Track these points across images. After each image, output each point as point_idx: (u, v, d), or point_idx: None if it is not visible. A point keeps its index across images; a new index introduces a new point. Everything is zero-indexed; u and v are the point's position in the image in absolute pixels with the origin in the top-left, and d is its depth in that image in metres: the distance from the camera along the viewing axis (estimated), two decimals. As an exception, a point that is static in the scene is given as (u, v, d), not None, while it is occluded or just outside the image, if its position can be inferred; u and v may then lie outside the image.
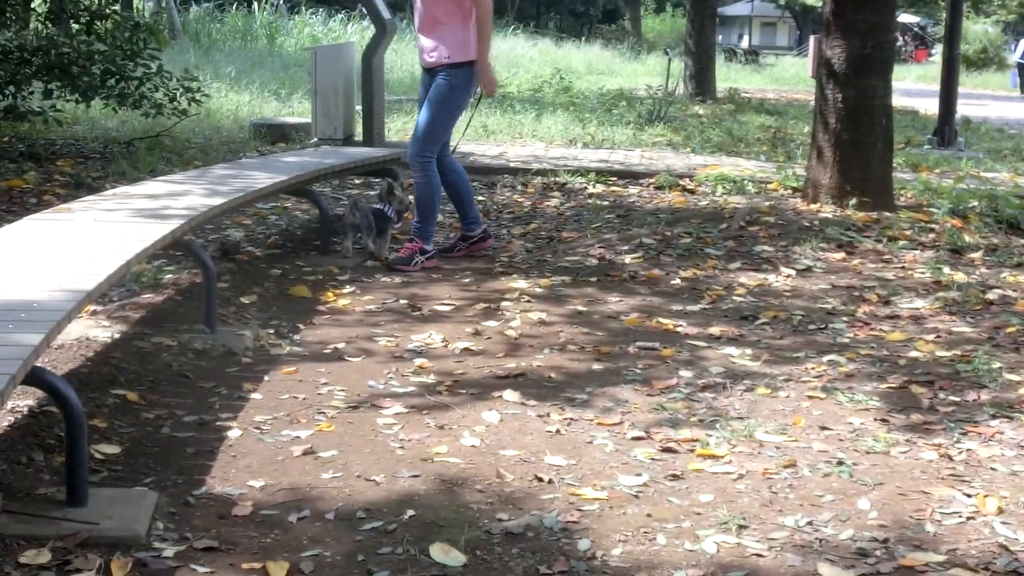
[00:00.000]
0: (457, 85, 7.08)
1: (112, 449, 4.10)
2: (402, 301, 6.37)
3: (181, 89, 10.75)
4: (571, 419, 4.53)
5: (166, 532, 3.47)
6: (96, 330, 5.47)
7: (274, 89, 16.12)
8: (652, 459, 4.14)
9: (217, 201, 6.02)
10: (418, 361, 5.28)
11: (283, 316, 5.98)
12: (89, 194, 6.62)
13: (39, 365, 3.46)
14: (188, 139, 11.55)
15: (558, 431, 4.40)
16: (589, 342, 5.61)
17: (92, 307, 5.71)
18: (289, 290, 6.51)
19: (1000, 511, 3.73)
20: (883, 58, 8.72)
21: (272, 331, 5.68)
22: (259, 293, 6.39)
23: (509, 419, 4.54)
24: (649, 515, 3.66)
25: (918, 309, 6.25)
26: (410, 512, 3.66)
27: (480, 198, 9.33)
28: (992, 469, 4.09)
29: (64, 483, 3.59)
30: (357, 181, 9.90)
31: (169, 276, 6.59)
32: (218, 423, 4.43)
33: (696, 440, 4.31)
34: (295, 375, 5.04)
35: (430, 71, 7.13)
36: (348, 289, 6.60)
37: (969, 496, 3.84)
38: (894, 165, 9.20)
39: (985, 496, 3.82)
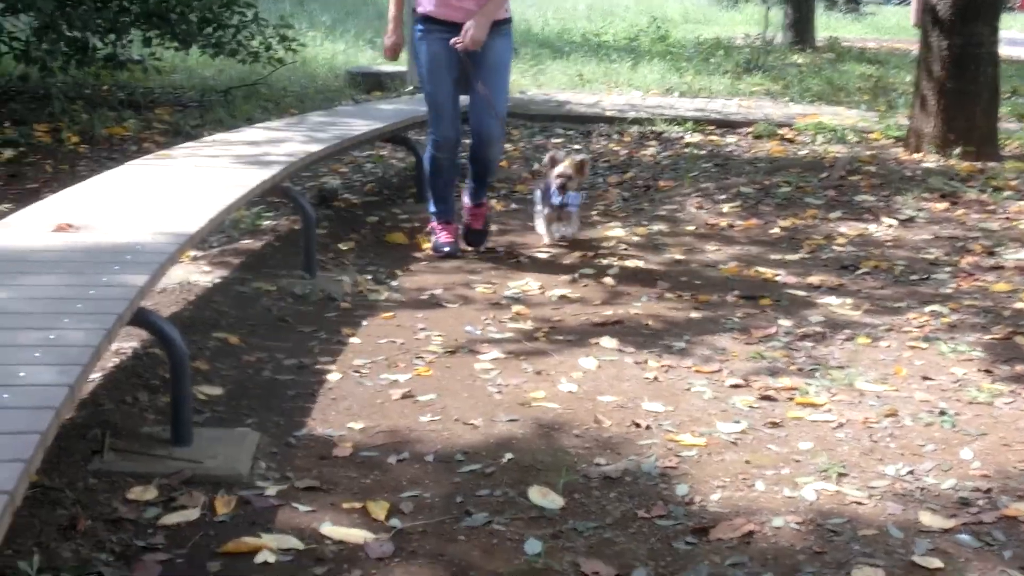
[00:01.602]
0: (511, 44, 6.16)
1: (215, 391, 4.16)
2: (499, 249, 6.37)
3: (277, 37, 10.82)
4: (669, 366, 4.52)
5: (268, 472, 3.52)
6: (197, 275, 5.54)
7: (369, 38, 16.16)
8: (751, 407, 4.11)
9: (315, 148, 6.06)
10: (515, 308, 5.29)
11: (380, 262, 6.02)
12: (188, 141, 6.69)
13: (145, 306, 3.51)
14: (284, 87, 11.63)
15: (656, 378, 4.39)
16: (687, 290, 5.59)
17: (193, 252, 5.79)
18: (386, 237, 6.54)
19: (1106, 464, 3.66)
20: (990, 4, 8.54)
21: (370, 277, 5.72)
22: (356, 240, 6.43)
23: (606, 365, 4.54)
24: (748, 462, 3.64)
25: (1023, 260, 6.13)
26: (508, 455, 3.67)
27: (576, 146, 9.30)
28: (1100, 420, 4.02)
29: (168, 423, 3.65)
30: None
31: (268, 222, 6.66)
32: (317, 366, 4.47)
33: (795, 388, 4.28)
34: (393, 320, 5.08)
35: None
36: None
37: (1076, 447, 3.78)
38: (999, 115, 9.01)
39: (1093, 447, 3.76)
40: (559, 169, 6.36)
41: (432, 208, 6.31)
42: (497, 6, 5.84)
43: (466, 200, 6.36)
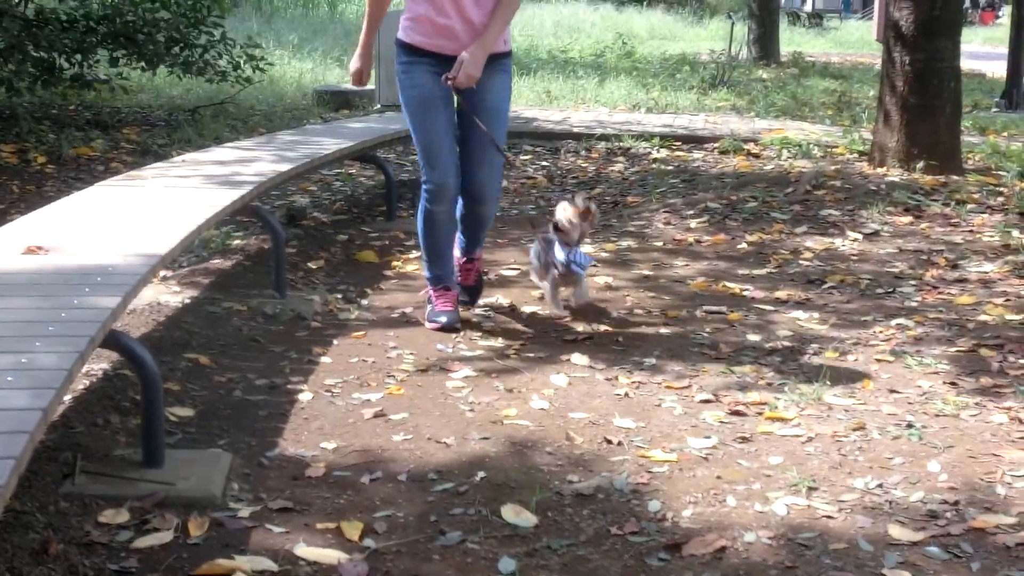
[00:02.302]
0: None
1: (186, 412, 4.16)
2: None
3: (244, 56, 10.83)
4: (639, 382, 4.55)
5: (241, 493, 3.52)
6: (167, 295, 5.54)
7: (336, 56, 16.17)
8: (721, 422, 4.14)
9: (285, 167, 6.07)
10: (486, 325, 5.31)
11: (350, 281, 6.03)
12: (155, 161, 6.69)
13: (116, 328, 3.52)
14: (252, 106, 11.63)
15: (626, 394, 4.42)
16: (656, 306, 5.62)
17: (162, 272, 5.78)
18: (356, 255, 6.55)
19: (1073, 475, 3.71)
20: (952, 19, 8.61)
21: (340, 296, 5.73)
22: (326, 258, 6.44)
23: (577, 382, 4.56)
24: (719, 477, 3.67)
25: (987, 273, 6.20)
26: (481, 474, 3.69)
27: (544, 163, 9.34)
28: (1064, 432, 4.07)
29: (140, 445, 3.65)
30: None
31: (237, 242, 6.66)
32: (289, 386, 4.48)
33: (764, 403, 4.31)
34: (364, 339, 5.09)
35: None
36: (415, 254, 6.62)
37: (1041, 459, 3.83)
38: (962, 129, 9.09)
39: (1057, 459, 3.81)
40: (559, 216, 5.25)
41: (428, 273, 5.30)
42: (496, 36, 4.92)
43: (456, 253, 5.44)
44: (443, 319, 5.21)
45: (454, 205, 5.17)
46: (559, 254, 5.25)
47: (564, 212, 5.23)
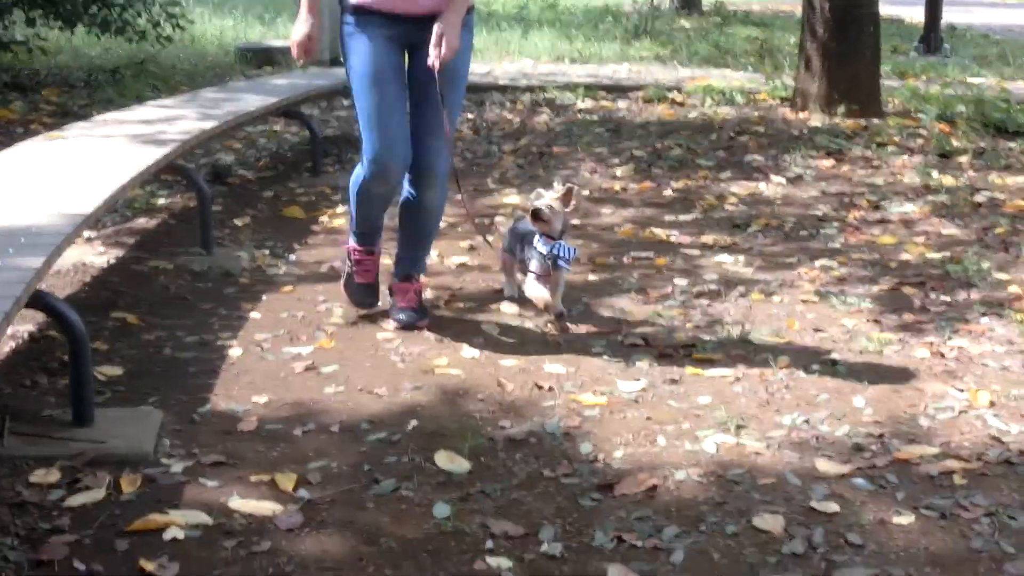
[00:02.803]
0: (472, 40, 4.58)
1: (115, 371, 4.13)
2: (396, 220, 6.36)
3: (164, 14, 10.69)
4: (568, 329, 4.58)
5: (173, 449, 3.51)
6: (92, 255, 5.49)
7: (258, 13, 16.00)
8: (650, 365, 4.19)
9: (209, 124, 6.02)
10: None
11: (278, 237, 6.00)
12: (76, 122, 6.60)
13: (41, 288, 3.49)
14: (174, 65, 11.48)
15: (556, 341, 4.45)
16: (584, 254, 5.65)
17: (87, 233, 5.73)
18: (282, 211, 6.52)
19: (992, 404, 3.80)
20: (870, -35, 8.69)
21: (268, 252, 5.70)
22: (253, 215, 6.41)
23: (507, 330, 4.59)
24: (649, 418, 3.72)
25: (908, 213, 6.30)
26: (414, 423, 3.71)
27: (469, 116, 9.32)
28: (983, 365, 4.16)
29: (69, 404, 3.63)
30: (346, 103, 9.85)
31: (162, 201, 6.61)
32: (219, 342, 4.46)
33: (693, 345, 4.37)
34: (293, 294, 5.07)
35: (419, 20, 4.28)
36: (342, 209, 6.60)
37: (961, 391, 3.91)
38: (881, 73, 9.19)
39: (977, 391, 3.90)
40: (536, 203, 4.54)
41: (353, 226, 4.70)
42: None
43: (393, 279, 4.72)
44: (358, 295, 4.73)
45: (397, 187, 4.53)
46: (540, 247, 4.51)
47: (541, 199, 4.55)
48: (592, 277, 5.28)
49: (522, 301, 4.81)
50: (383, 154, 4.33)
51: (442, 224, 6.16)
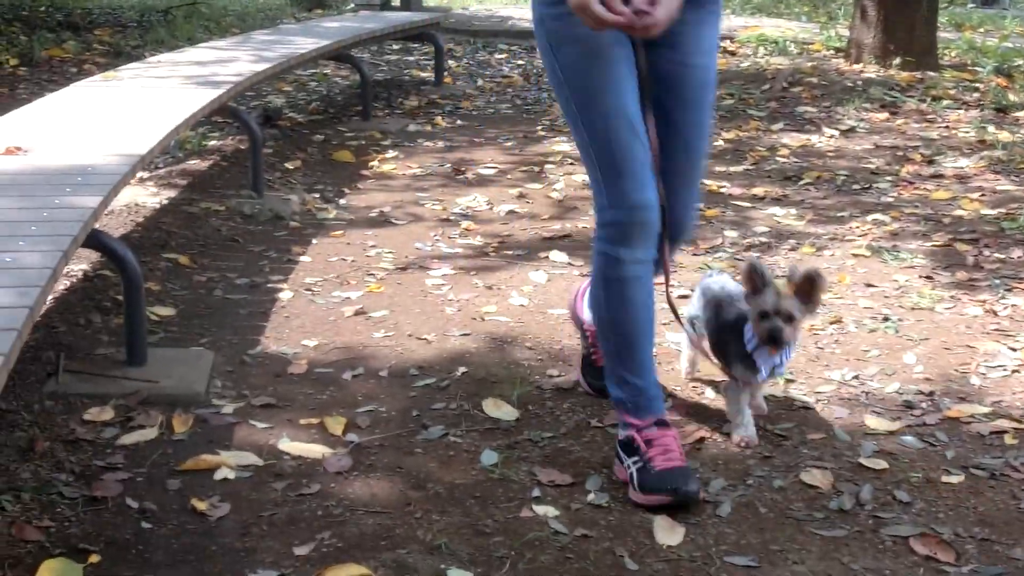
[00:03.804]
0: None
1: (167, 311, 4.17)
2: (447, 166, 6.38)
3: (217, -45, 10.70)
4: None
5: (224, 390, 3.55)
6: (145, 196, 5.53)
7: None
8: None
9: (261, 67, 6.03)
10: (464, 224, 5.32)
11: (328, 181, 6.02)
12: (128, 63, 6.62)
13: (97, 228, 3.51)
14: (224, 6, 11.51)
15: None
16: (633, 204, 5.63)
17: (141, 174, 5.76)
18: (333, 155, 6.54)
19: (1044, 365, 3.77)
20: (930, -87, 8.57)
21: (318, 196, 5.72)
22: (303, 159, 6.43)
23: (556, 279, 4.59)
24: (698, 369, 3.71)
25: (962, 168, 6.23)
26: (462, 369, 3.72)
27: (520, 63, 9.28)
28: (1037, 324, 4.13)
29: (123, 344, 3.67)
30: (395, 46, 9.85)
31: (214, 143, 6.63)
32: (269, 285, 4.49)
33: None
34: (343, 238, 5.09)
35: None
36: (392, 154, 6.62)
37: (1014, 350, 3.88)
38: (938, 25, 9.08)
39: (1030, 350, 3.87)
40: (768, 301, 3.05)
41: (615, 392, 3.04)
42: None
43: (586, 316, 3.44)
44: (679, 486, 2.87)
45: (651, 251, 2.96)
46: (762, 360, 3.15)
47: (772, 299, 3.04)
48: (642, 227, 5.26)
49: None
50: (631, 191, 2.83)
51: (491, 171, 6.19)
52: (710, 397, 3.53)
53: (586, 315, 3.34)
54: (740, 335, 3.16)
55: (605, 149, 2.81)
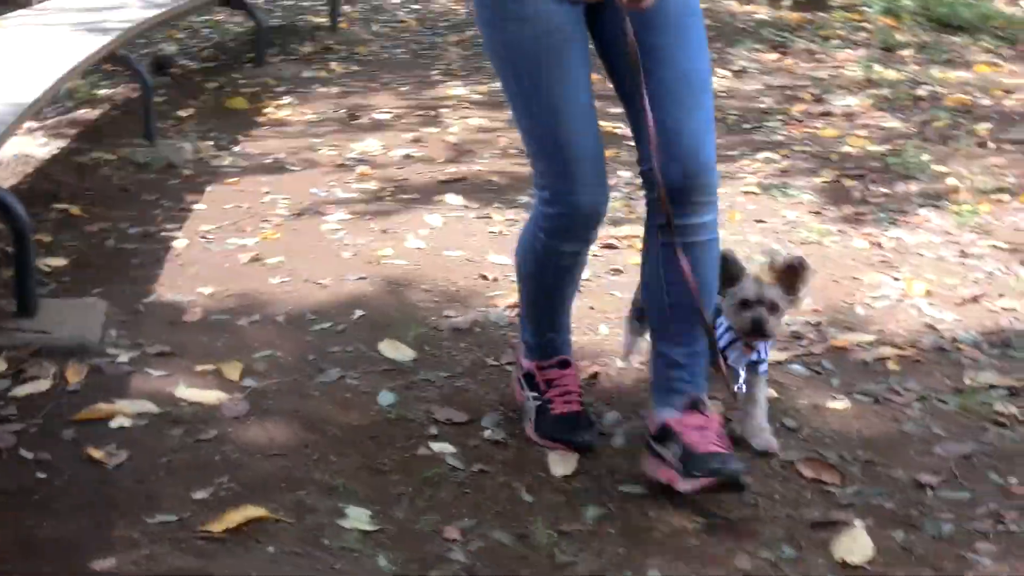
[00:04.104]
0: None
1: (59, 262, 4.13)
2: (342, 111, 6.36)
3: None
4: (513, 220, 4.60)
5: (119, 339, 3.52)
6: (34, 146, 5.45)
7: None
8: (593, 256, 4.21)
9: (151, 13, 5.94)
10: (360, 169, 5.32)
11: (222, 129, 5.97)
12: (14, 9, 6.49)
13: (-18, 178, 3.47)
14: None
15: (501, 232, 4.48)
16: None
17: (29, 123, 5.67)
18: (226, 103, 6.48)
19: (927, 294, 3.88)
20: None
21: (211, 143, 5.67)
22: (196, 107, 6.36)
23: (452, 222, 4.61)
24: (592, 307, 3.77)
25: (850, 106, 6.34)
26: (359, 312, 3.74)
27: (415, 6, 9.25)
28: (919, 255, 4.24)
29: (13, 295, 3.62)
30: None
31: (104, 91, 6.54)
32: (163, 234, 4.46)
33: (636, 236, 4.39)
34: (237, 186, 5.07)
35: None
36: (286, 101, 6.57)
37: (897, 280, 3.99)
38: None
39: (913, 280, 3.97)
40: (750, 289, 2.80)
41: (527, 337, 3.03)
42: None
43: (665, 412, 2.75)
44: (574, 436, 2.90)
45: (592, 240, 2.85)
46: (734, 357, 2.86)
47: (754, 287, 2.80)
48: (537, 169, 5.29)
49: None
50: (574, 188, 2.68)
51: (386, 116, 6.18)
52: (603, 333, 3.58)
53: (525, 358, 3.01)
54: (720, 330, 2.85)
55: (551, 143, 2.63)
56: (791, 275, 2.80)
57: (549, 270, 2.84)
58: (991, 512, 2.65)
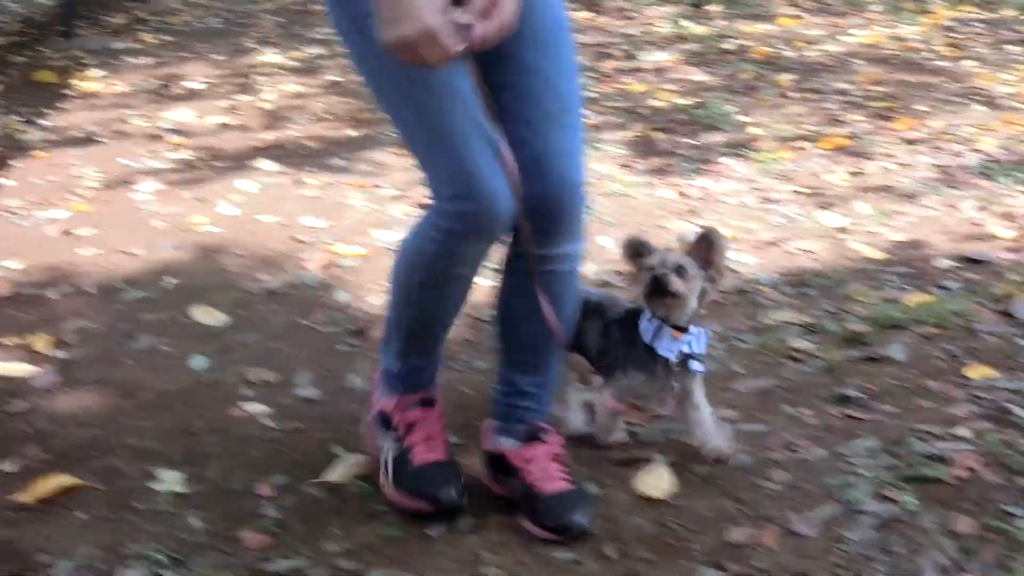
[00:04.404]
0: None
1: None
2: (155, 82, 6.28)
3: None
4: (328, 183, 4.63)
5: (-79, 319, 3.47)
6: None
7: None
8: (407, 215, 4.27)
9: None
10: (174, 139, 5.27)
11: (30, 103, 5.85)
12: None
13: None
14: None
15: (315, 196, 4.50)
16: (345, 110, 5.68)
17: None
18: (34, 77, 6.34)
19: (730, 239, 4.01)
20: None
21: (19, 118, 5.56)
22: (3, 81, 6.22)
23: (267, 188, 4.61)
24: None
25: (660, 62, 6.48)
26: (171, 280, 3.73)
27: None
28: (723, 202, 4.38)
29: None
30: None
31: (-96, 69, 6.36)
32: (-32, 211, 4.38)
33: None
34: (47, 160, 4.98)
35: None
36: (97, 73, 6.46)
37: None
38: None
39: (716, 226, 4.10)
40: (655, 258, 2.57)
41: (392, 364, 2.62)
42: None
43: (498, 439, 2.61)
44: (439, 492, 2.49)
45: (497, 238, 2.41)
46: (663, 347, 2.60)
47: (657, 254, 2.59)
48: (352, 133, 5.32)
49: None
50: (467, 186, 2.30)
51: (199, 85, 6.13)
52: (416, 290, 3.64)
53: (383, 395, 2.65)
54: (633, 330, 2.61)
55: (438, 133, 2.28)
56: (704, 247, 2.58)
57: (442, 278, 2.45)
58: (785, 442, 2.77)
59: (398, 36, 2.02)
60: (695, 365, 2.61)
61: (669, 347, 2.57)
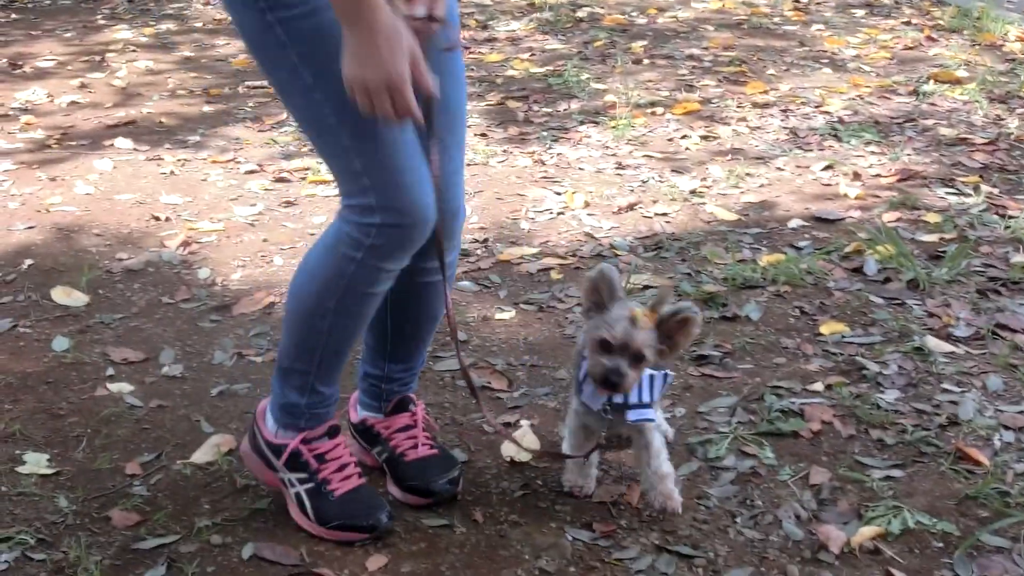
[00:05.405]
0: None
1: None
2: (2, 61, 6.15)
3: None
4: (185, 160, 4.60)
5: None
6: None
7: None
8: (266, 190, 4.28)
9: None
10: (24, 119, 5.18)
11: None
12: None
13: None
14: None
15: (172, 172, 4.47)
16: (199, 86, 5.64)
17: None
18: None
19: (587, 205, 4.09)
20: None
21: None
22: None
23: (122, 165, 4.57)
24: (265, 240, 3.82)
25: (514, 31, 6.54)
26: (28, 261, 3.69)
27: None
28: (580, 169, 4.46)
29: None
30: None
31: None
32: None
33: (307, 168, 4.47)
34: None
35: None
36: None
37: (559, 194, 4.19)
38: None
39: (573, 193, 4.18)
40: (617, 327, 2.27)
41: (293, 399, 2.42)
42: None
43: (364, 411, 2.64)
44: (372, 519, 2.39)
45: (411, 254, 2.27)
46: (587, 393, 2.41)
47: (623, 327, 2.27)
48: (207, 108, 5.28)
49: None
50: (406, 200, 2.18)
51: (50, 64, 6.02)
52: (278, 264, 3.65)
53: (276, 432, 2.45)
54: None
55: (367, 136, 2.11)
56: (677, 327, 2.28)
57: (360, 299, 2.29)
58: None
59: (361, 77, 1.94)
60: (632, 415, 2.36)
61: (592, 398, 2.39)
